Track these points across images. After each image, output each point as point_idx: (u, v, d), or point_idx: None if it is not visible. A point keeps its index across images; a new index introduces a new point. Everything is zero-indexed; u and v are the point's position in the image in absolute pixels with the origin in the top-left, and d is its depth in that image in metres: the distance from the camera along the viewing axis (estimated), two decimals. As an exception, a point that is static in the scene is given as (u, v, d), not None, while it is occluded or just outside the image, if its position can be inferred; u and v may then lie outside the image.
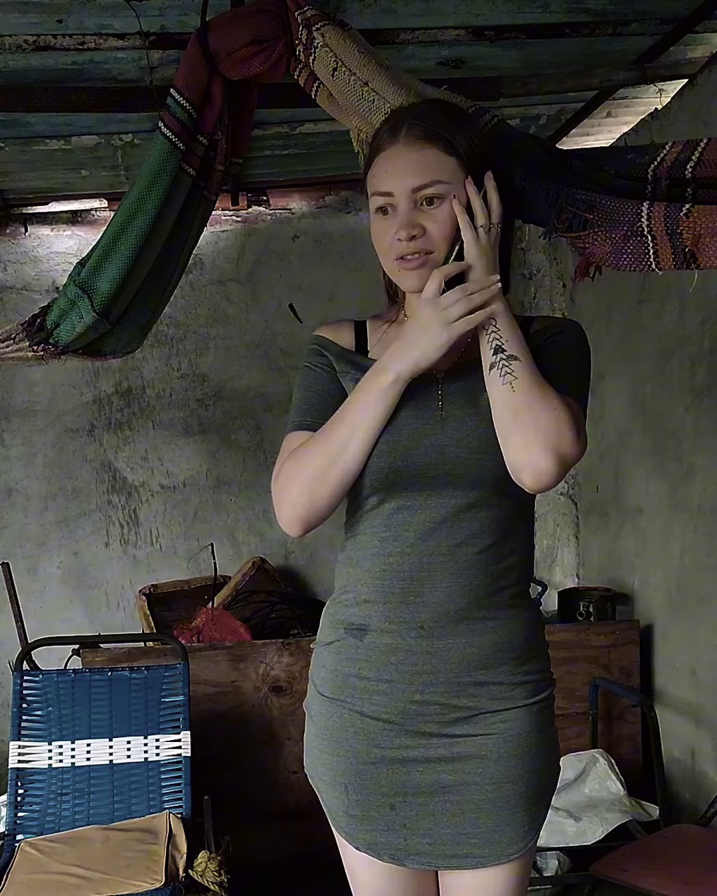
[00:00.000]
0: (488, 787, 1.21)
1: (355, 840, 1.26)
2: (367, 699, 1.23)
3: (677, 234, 1.14)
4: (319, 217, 3.71)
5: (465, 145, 1.21)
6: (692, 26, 2.54)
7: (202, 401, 3.60)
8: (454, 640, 1.20)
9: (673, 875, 1.76)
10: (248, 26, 1.81)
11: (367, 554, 1.24)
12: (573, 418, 1.15)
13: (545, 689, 1.27)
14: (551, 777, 1.28)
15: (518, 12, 2.41)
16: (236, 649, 2.69)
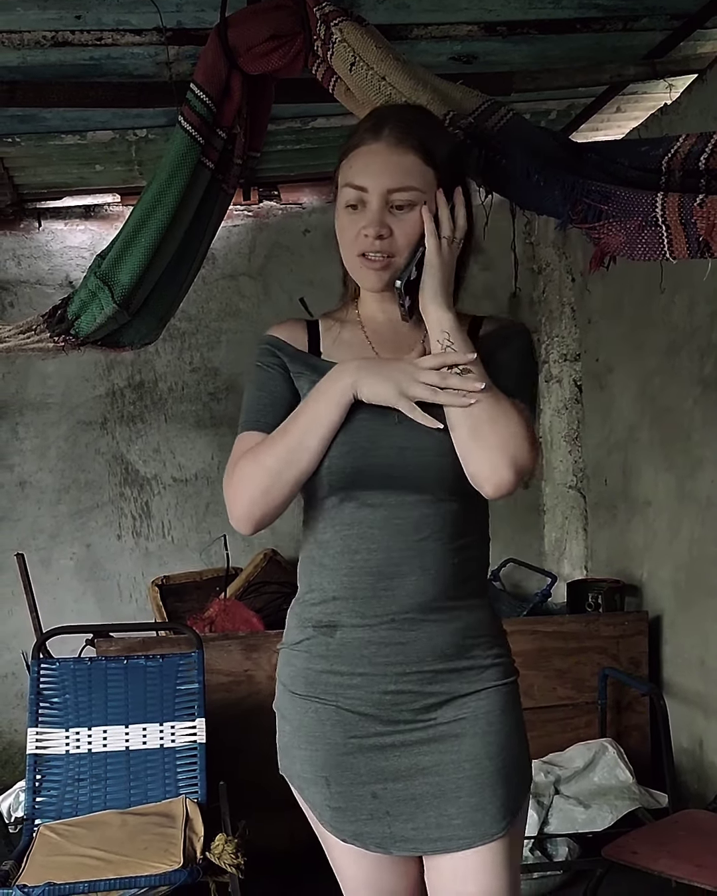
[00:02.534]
0: (465, 764, 1.23)
1: (341, 832, 1.27)
2: (341, 693, 1.25)
3: (691, 224, 1.16)
4: (330, 212, 3.68)
5: (444, 158, 1.25)
6: (701, 22, 2.56)
7: (214, 394, 3.63)
8: (426, 630, 1.23)
9: (683, 858, 1.78)
10: (267, 22, 1.84)
11: (330, 552, 1.26)
12: (528, 429, 1.20)
13: (513, 673, 1.31)
14: (525, 755, 1.30)
15: (530, 8, 2.43)
16: (249, 639, 2.71)
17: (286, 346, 1.37)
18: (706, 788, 2.65)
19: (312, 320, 1.43)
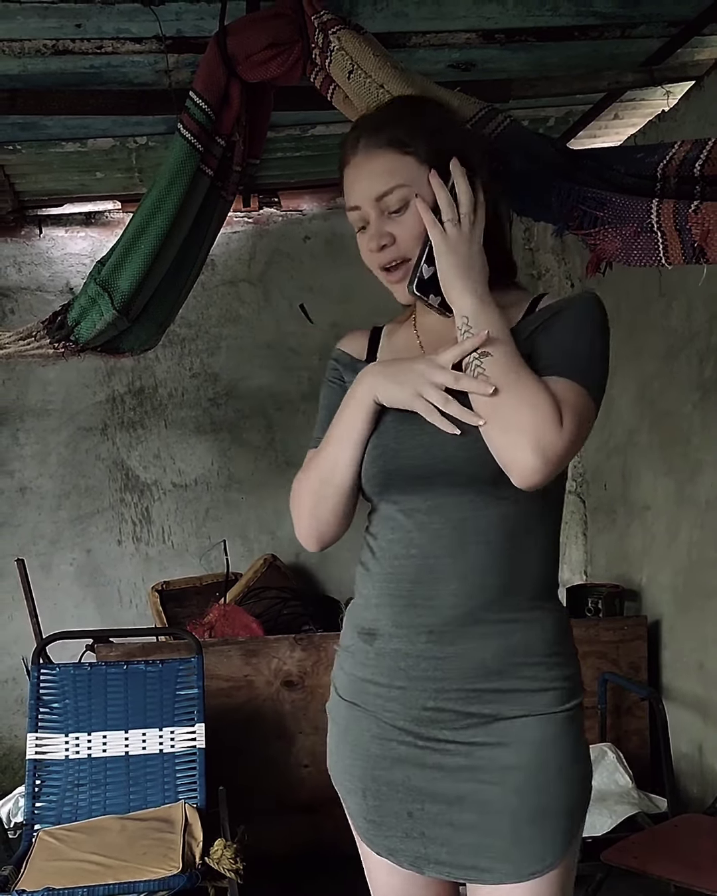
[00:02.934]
0: (510, 797, 1.14)
1: (376, 846, 1.23)
2: (381, 705, 1.19)
3: (686, 230, 1.17)
4: (330, 218, 3.75)
5: (423, 139, 1.18)
6: (699, 29, 2.57)
7: (214, 400, 3.64)
8: (466, 645, 1.15)
9: (683, 862, 1.78)
10: (265, 30, 1.85)
11: (375, 557, 1.21)
12: (552, 406, 1.08)
13: (572, 698, 1.18)
14: (582, 792, 1.18)
15: (528, 15, 2.44)
16: (249, 644, 2.72)
17: (344, 357, 1.34)
18: (706, 793, 2.65)
19: (378, 327, 1.38)
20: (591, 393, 1.13)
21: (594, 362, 1.16)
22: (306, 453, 1.29)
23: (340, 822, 2.75)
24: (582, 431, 1.11)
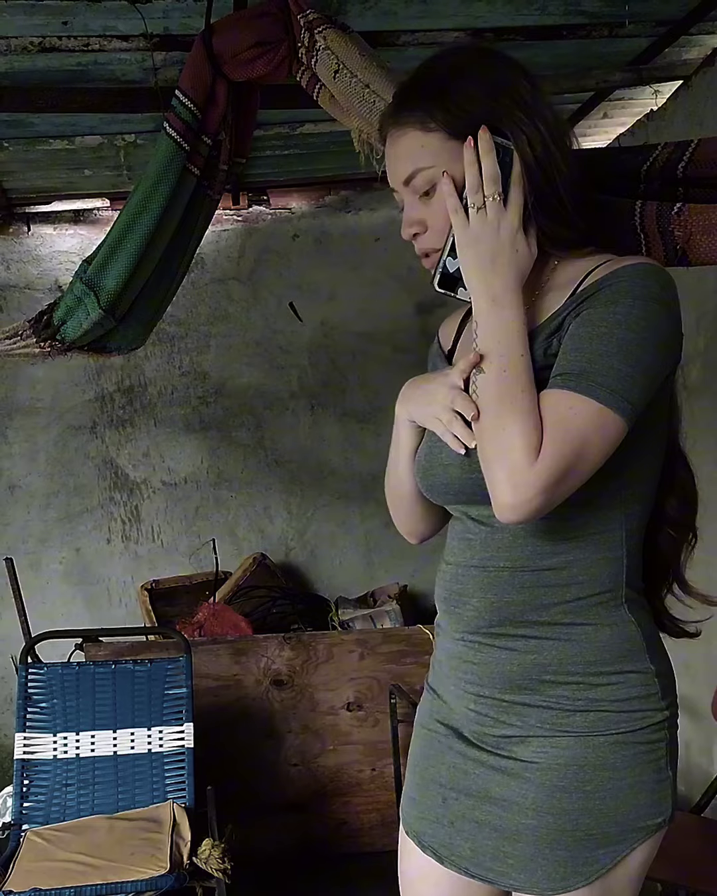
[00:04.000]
0: (528, 811, 1.09)
1: (406, 823, 1.23)
2: (447, 694, 1.20)
3: (668, 232, 1.17)
4: (319, 217, 3.74)
5: (446, 111, 1.05)
6: (686, 28, 2.57)
7: (203, 398, 3.63)
8: (495, 654, 1.11)
9: (672, 860, 1.78)
10: (251, 29, 1.84)
11: (443, 557, 1.23)
12: (527, 438, 0.97)
13: (624, 722, 1.08)
14: (624, 826, 1.08)
15: (516, 14, 2.44)
16: (238, 643, 2.72)
17: (434, 346, 1.30)
18: (693, 791, 2.66)
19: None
20: (611, 405, 0.98)
21: (621, 361, 0.98)
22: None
23: (328, 820, 2.78)
24: (582, 453, 0.98)
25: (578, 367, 0.99)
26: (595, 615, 1.09)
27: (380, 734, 2.69)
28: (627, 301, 1.00)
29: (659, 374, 1.04)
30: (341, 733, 2.71)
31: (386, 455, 1.26)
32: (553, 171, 1.05)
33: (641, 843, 1.09)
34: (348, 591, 3.48)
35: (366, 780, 2.71)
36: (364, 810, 2.72)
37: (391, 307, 3.68)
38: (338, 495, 3.63)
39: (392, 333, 3.61)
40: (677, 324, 1.07)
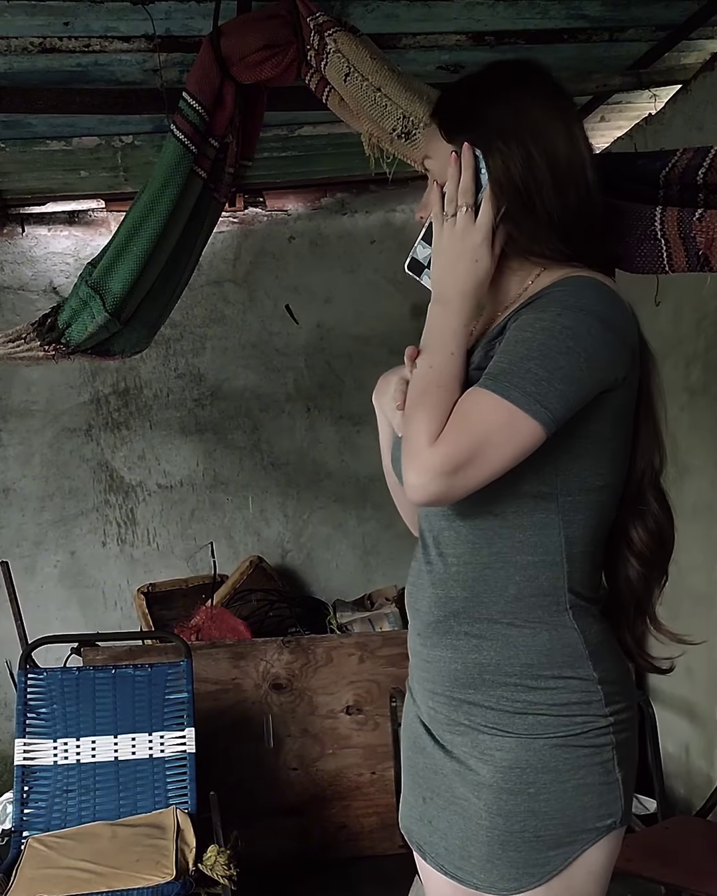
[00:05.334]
0: (482, 812, 1.12)
1: (401, 819, 1.27)
2: (414, 695, 1.24)
3: (690, 238, 1.17)
4: (315, 219, 3.74)
5: (446, 115, 1.15)
6: (686, 33, 2.59)
7: (199, 401, 3.62)
8: (442, 653, 1.15)
9: (677, 864, 1.80)
10: (260, 31, 1.84)
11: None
12: (426, 423, 1.03)
13: (563, 726, 1.09)
14: (571, 827, 1.09)
15: (518, 18, 2.44)
16: (237, 647, 2.71)
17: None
18: (693, 794, 2.68)
19: None
20: (518, 403, 1.01)
21: (538, 365, 1.01)
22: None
23: (327, 825, 2.77)
24: (482, 447, 1.01)
25: (498, 369, 1.04)
26: (536, 618, 1.10)
27: (380, 738, 2.68)
28: (555, 309, 1.04)
29: (585, 385, 1.04)
30: (341, 737, 2.70)
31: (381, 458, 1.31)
32: (534, 194, 1.08)
33: (592, 844, 1.10)
34: (345, 594, 3.47)
35: (366, 783, 2.71)
36: (364, 814, 2.71)
37: (387, 310, 3.67)
38: (334, 498, 3.62)
39: (388, 336, 3.61)
40: (615, 339, 1.06)
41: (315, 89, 1.85)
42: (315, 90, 1.85)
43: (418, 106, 1.62)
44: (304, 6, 1.81)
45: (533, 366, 1.01)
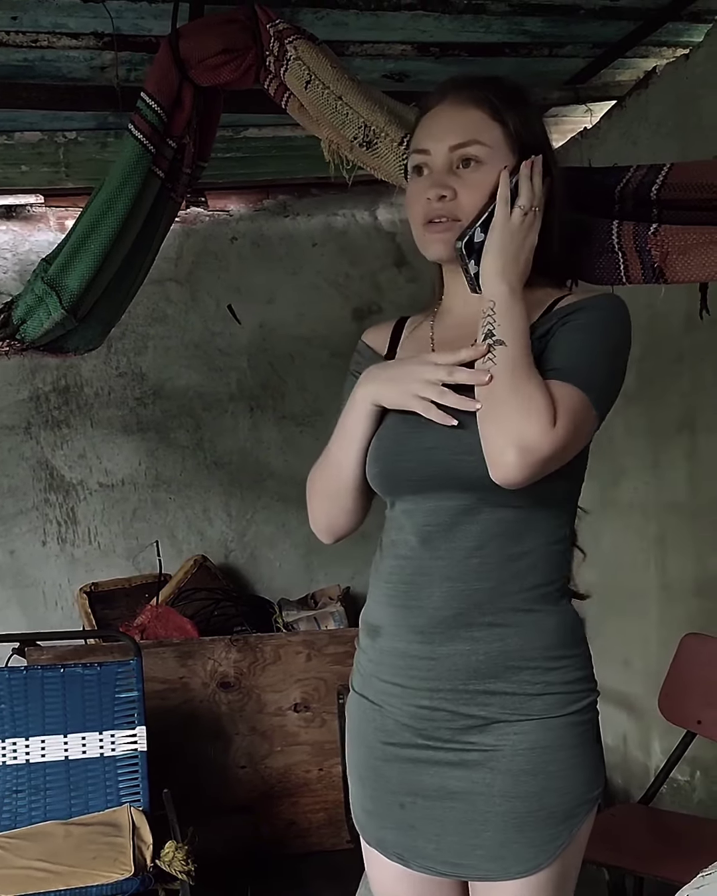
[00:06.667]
0: (495, 799, 1.14)
1: (366, 834, 1.26)
2: (385, 700, 1.21)
3: (646, 251, 1.24)
4: (257, 220, 3.75)
5: (514, 117, 1.17)
6: (622, 51, 2.70)
7: (141, 399, 3.60)
8: (458, 647, 1.14)
9: (625, 849, 1.87)
10: (219, 35, 1.86)
11: (382, 556, 1.24)
12: (547, 406, 1.05)
13: (575, 702, 1.16)
14: (578, 799, 1.16)
15: (462, 31, 2.52)
16: (184, 646, 2.71)
17: (367, 351, 1.32)
18: (631, 783, 2.79)
19: (404, 317, 1.35)
20: (593, 401, 1.10)
21: (601, 369, 1.13)
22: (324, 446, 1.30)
23: (276, 821, 2.80)
24: (576, 438, 1.09)
25: (573, 365, 1.11)
26: (546, 603, 1.17)
27: (327, 734, 2.72)
28: (608, 320, 1.16)
29: (619, 390, 1.19)
30: (289, 734, 2.73)
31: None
32: (557, 214, 1.19)
33: (587, 815, 1.18)
34: (289, 593, 3.50)
35: (313, 780, 2.74)
36: (312, 810, 2.74)
37: (329, 312, 3.72)
38: (277, 497, 3.65)
39: (329, 338, 3.65)
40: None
41: (274, 95, 1.87)
42: (274, 96, 1.88)
43: (380, 116, 1.66)
44: (263, 13, 1.84)
45: (605, 372, 1.14)
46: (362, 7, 2.36)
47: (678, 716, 2.19)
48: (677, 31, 2.60)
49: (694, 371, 2.56)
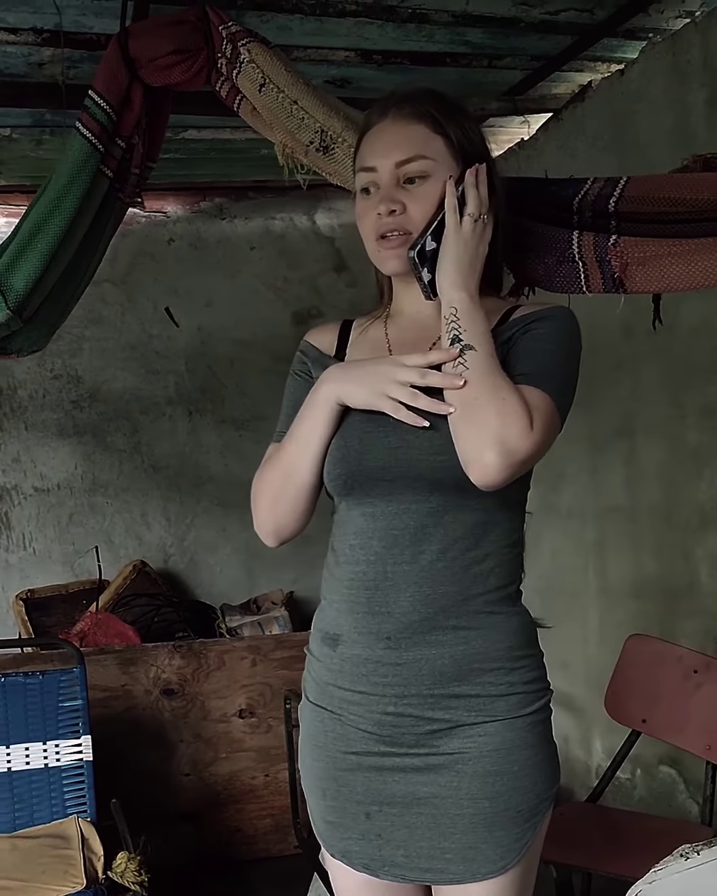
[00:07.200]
0: (463, 801, 1.15)
1: (331, 847, 1.24)
2: (345, 708, 1.19)
3: (606, 262, 1.27)
4: (195, 222, 3.73)
5: (455, 128, 1.19)
6: (559, 65, 2.78)
7: (77, 402, 3.53)
8: (424, 652, 1.14)
9: (574, 846, 1.90)
10: (169, 36, 1.84)
11: (339, 561, 1.21)
12: (525, 409, 1.07)
13: (535, 702, 1.19)
14: (539, 797, 1.18)
15: (405, 39, 2.56)
16: (126, 653, 2.66)
17: (312, 351, 1.30)
18: (573, 782, 2.85)
19: (348, 320, 1.34)
20: (558, 406, 1.13)
21: (564, 376, 1.16)
22: (269, 447, 1.27)
23: (222, 828, 2.77)
24: (547, 440, 1.11)
25: (536, 371, 1.13)
26: (506, 605, 1.19)
27: (272, 740, 2.71)
28: (567, 330, 1.19)
29: (575, 392, 1.21)
30: (234, 741, 2.71)
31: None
32: (501, 223, 1.21)
33: (547, 811, 1.20)
34: (230, 598, 3.47)
35: (259, 786, 2.72)
36: (258, 816, 2.73)
37: (268, 316, 3.71)
38: (217, 502, 3.62)
39: (269, 342, 3.65)
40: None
41: (226, 97, 1.86)
42: (226, 98, 1.87)
43: (336, 121, 1.67)
44: (215, 14, 1.82)
45: (567, 379, 1.17)
46: (308, 12, 2.37)
47: (624, 715, 2.24)
48: (612, 46, 2.68)
49: (632, 378, 2.64)
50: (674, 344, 2.45)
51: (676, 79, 2.47)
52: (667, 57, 2.50)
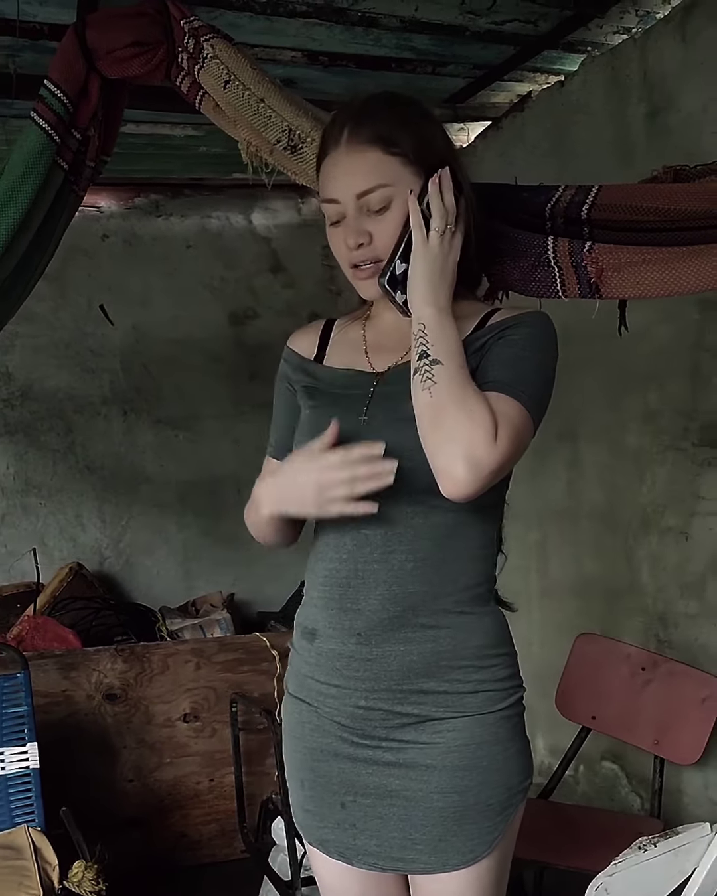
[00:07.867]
0: (433, 795, 1.18)
1: (308, 835, 1.28)
2: (321, 701, 1.23)
3: (582, 267, 1.30)
4: (129, 218, 3.66)
5: (410, 142, 1.17)
6: (500, 74, 2.84)
7: (8, 401, 3.42)
8: (393, 648, 1.17)
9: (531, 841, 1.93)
10: (128, 27, 1.81)
11: (317, 558, 1.25)
12: (491, 421, 1.08)
13: (505, 698, 1.22)
14: (511, 791, 1.21)
15: (352, 42, 2.58)
16: (67, 657, 2.59)
17: (293, 356, 1.33)
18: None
19: (331, 319, 1.36)
20: (530, 412, 1.14)
21: (538, 382, 1.16)
22: (264, 461, 1.32)
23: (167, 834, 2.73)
24: (517, 449, 1.12)
25: (509, 378, 1.14)
26: (477, 605, 1.21)
27: (217, 744, 2.67)
28: (541, 337, 1.20)
29: (550, 396, 1.22)
30: (178, 745, 2.66)
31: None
32: (472, 225, 1.21)
33: (519, 805, 1.23)
34: (168, 601, 3.42)
35: (204, 791, 2.69)
36: (203, 821, 2.69)
37: (204, 315, 3.68)
38: (153, 503, 3.56)
39: (205, 342, 3.61)
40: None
41: (187, 93, 1.84)
42: (187, 94, 1.84)
43: (305, 121, 1.67)
44: (176, 8, 1.80)
45: (541, 385, 1.17)
46: (258, 10, 2.37)
47: (574, 712, 2.29)
48: (552, 58, 2.76)
49: (575, 382, 2.71)
50: (615, 350, 2.52)
51: (615, 92, 2.55)
52: (607, 70, 2.58)
